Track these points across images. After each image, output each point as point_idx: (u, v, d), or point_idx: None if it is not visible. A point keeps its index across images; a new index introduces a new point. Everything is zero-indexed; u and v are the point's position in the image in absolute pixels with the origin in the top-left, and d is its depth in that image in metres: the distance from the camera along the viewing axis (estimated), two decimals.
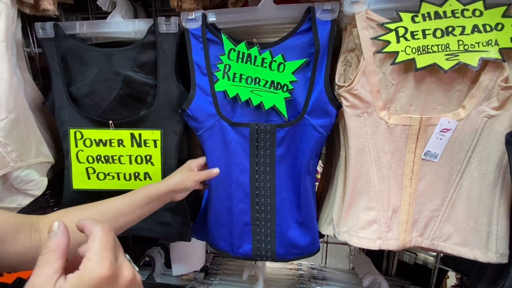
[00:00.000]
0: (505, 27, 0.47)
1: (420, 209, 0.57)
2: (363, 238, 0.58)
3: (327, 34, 0.55)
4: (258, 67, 0.58)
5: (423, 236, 0.58)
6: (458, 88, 0.51)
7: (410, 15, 0.49)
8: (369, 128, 0.54)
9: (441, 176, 0.55)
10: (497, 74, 0.48)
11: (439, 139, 0.52)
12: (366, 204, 0.57)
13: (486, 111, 0.50)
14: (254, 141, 0.60)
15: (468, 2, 0.48)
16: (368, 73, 0.52)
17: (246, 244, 0.65)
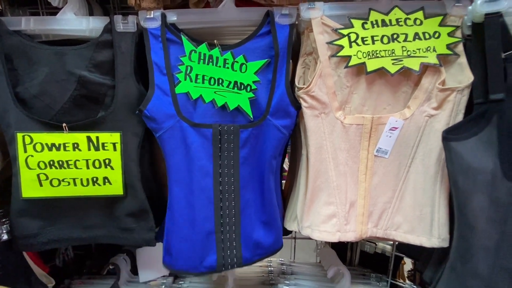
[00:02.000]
0: (441, 35, 0.52)
1: (374, 202, 0.61)
2: (323, 232, 0.61)
3: (286, 37, 0.57)
4: (221, 68, 0.59)
5: (377, 226, 0.63)
6: (404, 90, 0.56)
7: (361, 22, 0.53)
8: (326, 128, 0.58)
9: (392, 170, 0.59)
10: (435, 77, 0.54)
11: (388, 137, 0.56)
12: (325, 199, 0.60)
13: (427, 111, 0.55)
14: (217, 142, 0.60)
15: (410, 12, 0.52)
16: (324, 75, 0.55)
17: (210, 256, 0.62)
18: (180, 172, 0.61)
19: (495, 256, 0.51)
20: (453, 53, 0.52)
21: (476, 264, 0.52)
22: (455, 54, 0.52)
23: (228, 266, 0.63)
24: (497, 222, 0.50)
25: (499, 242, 0.50)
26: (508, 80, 0.47)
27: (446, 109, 0.54)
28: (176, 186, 0.62)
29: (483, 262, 0.52)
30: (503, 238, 0.49)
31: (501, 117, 0.48)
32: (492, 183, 0.49)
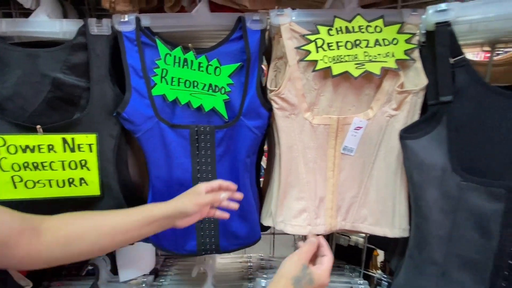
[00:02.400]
0: (399, 42, 0.56)
1: (342, 197, 0.65)
2: (295, 226, 0.65)
3: (257, 42, 0.59)
4: (195, 71, 0.61)
5: (346, 220, 0.67)
6: (367, 92, 0.60)
7: (326, 28, 0.56)
8: (296, 128, 0.61)
9: (357, 167, 0.64)
10: (395, 80, 0.58)
11: (353, 136, 0.61)
12: (296, 195, 0.64)
13: (388, 111, 0.59)
14: (195, 142, 0.62)
15: (371, 20, 0.56)
16: (293, 79, 0.58)
17: (190, 241, 0.67)
18: (160, 169, 0.64)
19: (448, 244, 0.56)
20: (410, 58, 0.57)
21: (431, 251, 0.58)
22: (412, 59, 0.57)
23: (207, 251, 0.69)
24: (448, 213, 0.55)
25: (450, 231, 0.55)
26: (456, 83, 0.52)
27: (404, 110, 0.58)
28: (157, 181, 0.65)
29: (438, 250, 0.57)
30: (454, 227, 0.55)
31: (450, 117, 0.53)
32: (442, 178, 0.54)
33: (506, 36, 0.60)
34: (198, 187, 0.54)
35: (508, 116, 0.49)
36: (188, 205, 0.52)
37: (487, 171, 0.51)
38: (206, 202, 0.53)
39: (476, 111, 0.51)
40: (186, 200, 0.52)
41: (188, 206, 0.52)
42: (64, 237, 0.45)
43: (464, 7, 0.50)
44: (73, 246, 0.45)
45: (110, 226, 0.49)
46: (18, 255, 0.41)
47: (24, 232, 0.41)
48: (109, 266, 0.90)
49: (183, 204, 0.52)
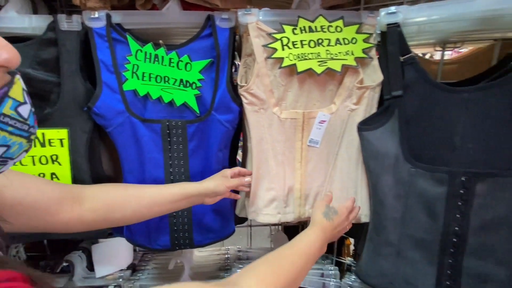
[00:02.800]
0: (358, 41, 0.61)
1: (310, 186, 0.69)
2: (266, 215, 0.68)
3: (226, 40, 0.62)
4: (166, 67, 0.63)
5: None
6: (330, 88, 0.65)
7: (291, 27, 0.60)
8: (265, 122, 0.64)
9: (323, 158, 0.68)
10: (355, 77, 0.62)
11: (318, 129, 0.65)
12: (267, 186, 0.68)
13: (349, 106, 0.64)
14: (166, 136, 0.64)
15: (332, 20, 0.61)
16: (261, 75, 0.62)
17: (164, 236, 0.68)
18: (132, 164, 0.65)
19: (402, 226, 0.61)
20: (368, 56, 0.61)
21: (388, 234, 0.63)
22: (370, 57, 0.62)
23: (181, 246, 0.71)
24: (400, 198, 0.60)
25: (404, 214, 0.60)
26: (405, 79, 0.57)
27: (363, 104, 0.63)
28: (130, 176, 0.67)
29: (393, 232, 0.62)
30: (406, 211, 0.60)
31: (401, 110, 0.58)
32: (395, 165, 0.59)
33: (453, 36, 0.67)
34: (224, 172, 0.64)
35: (449, 108, 0.55)
36: (221, 187, 0.61)
37: (433, 158, 0.57)
38: (235, 185, 0.64)
39: (423, 105, 0.57)
40: (218, 182, 0.61)
41: (221, 187, 0.61)
42: (106, 204, 0.50)
43: (410, 10, 0.56)
44: (115, 213, 0.51)
45: (149, 197, 0.54)
46: (61, 221, 0.45)
47: (64, 200, 0.46)
48: (85, 262, 0.90)
49: (216, 186, 0.61)
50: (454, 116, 0.54)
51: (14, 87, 0.24)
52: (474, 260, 0.55)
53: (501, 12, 0.52)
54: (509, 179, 0.50)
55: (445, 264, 0.58)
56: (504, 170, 0.51)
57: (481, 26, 0.56)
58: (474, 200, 0.53)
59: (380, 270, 0.65)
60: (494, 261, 0.54)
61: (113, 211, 0.51)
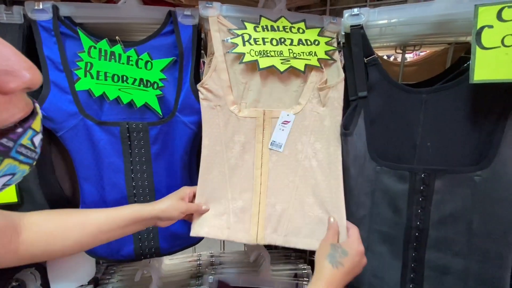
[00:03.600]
0: (320, 43, 0.61)
1: (273, 202, 0.60)
2: (212, 227, 0.60)
3: (189, 37, 0.59)
4: (124, 65, 0.58)
5: (277, 231, 0.60)
6: (295, 89, 0.63)
7: (253, 25, 0.59)
8: (221, 120, 0.60)
9: (288, 166, 0.61)
10: (319, 78, 0.62)
11: (281, 130, 0.61)
12: (218, 194, 0.61)
13: (315, 107, 0.61)
14: (126, 140, 0.59)
15: (294, 22, 0.60)
16: (219, 70, 0.59)
17: (127, 246, 0.64)
18: (89, 170, 0.60)
19: (369, 221, 0.62)
20: (330, 58, 0.61)
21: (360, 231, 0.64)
22: (332, 59, 0.61)
23: (147, 255, 0.66)
24: (368, 195, 0.61)
25: (371, 211, 0.62)
26: (369, 80, 0.59)
27: (329, 106, 0.61)
28: (87, 183, 0.61)
29: (363, 228, 0.63)
30: (373, 207, 0.61)
31: (366, 111, 0.59)
32: (364, 164, 0.60)
33: (412, 39, 0.70)
34: (183, 191, 0.58)
35: (409, 109, 0.57)
36: (174, 212, 0.55)
37: (396, 156, 0.58)
38: (190, 211, 0.57)
39: (386, 105, 0.58)
40: (173, 206, 0.55)
41: (174, 213, 0.55)
42: (46, 234, 0.44)
43: (372, 12, 0.57)
44: (55, 243, 0.45)
45: (94, 225, 0.48)
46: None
47: (5, 231, 0.40)
48: (39, 280, 0.81)
49: (169, 210, 0.54)
50: (414, 116, 0.56)
51: (37, 117, 0.24)
52: (435, 252, 0.58)
53: (454, 17, 0.55)
54: (463, 175, 0.53)
55: (409, 257, 0.60)
56: (458, 167, 0.53)
57: (437, 30, 0.59)
58: (433, 195, 0.56)
59: None
60: (452, 253, 0.57)
61: (53, 243, 0.44)
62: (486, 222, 0.53)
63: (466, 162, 0.54)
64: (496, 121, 0.51)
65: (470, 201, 0.53)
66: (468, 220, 0.54)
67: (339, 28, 0.61)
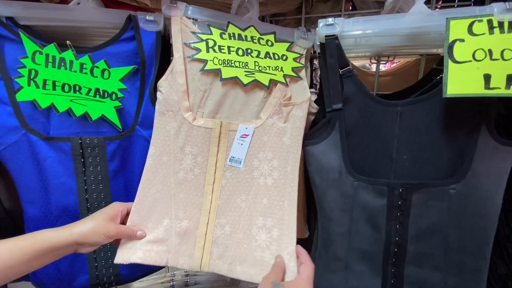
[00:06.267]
0: (288, 59, 0.58)
1: (222, 222, 0.54)
2: (149, 251, 0.51)
3: (152, 45, 0.54)
4: (77, 73, 0.52)
5: (222, 258, 0.53)
6: (256, 103, 0.58)
7: (219, 31, 0.55)
8: (172, 127, 0.54)
9: (242, 183, 0.55)
10: (283, 94, 0.58)
11: (240, 144, 0.56)
12: (159, 212, 0.53)
13: (275, 123, 0.57)
14: (79, 157, 0.52)
15: (263, 33, 0.57)
16: (176, 72, 0.54)
17: (81, 275, 0.56)
18: (33, 192, 0.52)
19: (348, 239, 0.60)
20: (297, 76, 0.58)
21: (336, 248, 0.61)
22: (299, 77, 0.59)
23: (105, 285, 0.58)
24: (346, 211, 0.59)
25: (350, 228, 0.59)
26: (344, 92, 0.57)
27: (290, 122, 0.57)
28: (31, 208, 0.53)
29: (341, 246, 0.61)
30: (351, 224, 0.59)
31: (341, 123, 0.57)
32: (339, 179, 0.58)
33: (386, 50, 0.69)
34: (114, 208, 0.46)
35: (385, 121, 0.55)
36: (99, 237, 0.44)
37: (374, 170, 0.57)
38: (120, 236, 0.46)
39: (361, 118, 0.56)
40: (96, 228, 0.44)
41: (99, 238, 0.44)
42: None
43: (347, 23, 0.55)
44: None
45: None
46: None
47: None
48: None
49: (91, 233, 0.43)
50: (390, 129, 0.55)
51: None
52: (414, 267, 0.56)
53: (426, 30, 0.54)
54: (439, 189, 0.52)
55: (388, 273, 0.58)
56: (434, 180, 0.53)
57: (410, 42, 0.58)
58: (411, 210, 0.54)
59: (330, 285, 0.63)
60: (431, 267, 0.55)
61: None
62: (461, 235, 0.52)
63: (441, 175, 0.53)
64: (469, 134, 0.51)
65: (446, 215, 0.53)
66: (445, 233, 0.53)
67: (310, 44, 0.59)
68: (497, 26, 0.46)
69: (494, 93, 0.45)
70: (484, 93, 0.45)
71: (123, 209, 0.49)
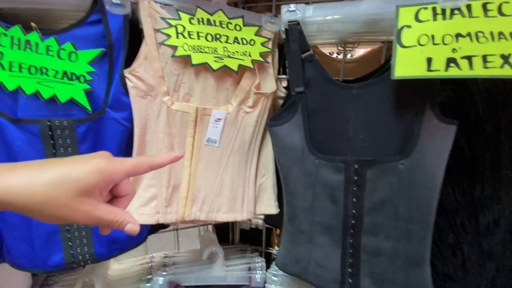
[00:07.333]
0: (256, 44, 0.61)
1: (199, 187, 0.66)
2: (142, 215, 0.63)
3: (120, 28, 0.55)
4: (43, 56, 0.52)
5: (201, 210, 0.67)
6: (227, 87, 0.63)
7: (188, 16, 0.56)
8: (152, 110, 0.59)
9: (215, 158, 0.66)
10: (252, 80, 0.62)
11: (215, 127, 0.63)
12: (147, 182, 0.63)
13: (244, 108, 0.64)
14: (49, 139, 0.54)
15: (232, 17, 0.59)
16: (151, 58, 0.56)
17: (56, 254, 0.58)
18: None
19: (311, 214, 0.65)
20: (265, 61, 0.62)
21: (300, 222, 0.66)
22: (266, 62, 0.62)
23: (80, 263, 0.61)
24: (309, 187, 0.63)
25: (312, 203, 0.64)
26: (306, 76, 0.60)
27: (257, 109, 0.65)
28: None
29: (304, 220, 0.65)
30: (314, 199, 0.64)
31: (303, 105, 0.61)
32: (302, 158, 0.62)
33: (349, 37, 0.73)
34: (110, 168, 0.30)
35: (343, 103, 0.59)
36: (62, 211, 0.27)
37: (332, 149, 0.61)
38: (99, 222, 0.30)
39: (322, 100, 0.60)
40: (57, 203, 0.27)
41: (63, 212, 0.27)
42: None
43: (308, 9, 0.58)
44: None
45: None
46: None
47: None
48: None
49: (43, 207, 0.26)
50: (347, 110, 0.59)
51: None
52: (369, 237, 0.62)
53: (381, 16, 0.58)
54: (390, 165, 0.57)
55: (347, 244, 0.63)
56: (386, 157, 0.58)
57: (368, 28, 0.62)
58: (366, 185, 0.59)
59: (296, 257, 0.69)
60: (384, 236, 0.61)
61: None
62: (409, 206, 0.58)
63: (392, 152, 0.58)
64: (416, 113, 0.55)
65: (396, 188, 0.58)
66: (395, 205, 0.59)
67: (277, 28, 0.61)
68: (440, 13, 0.50)
69: (434, 75, 0.49)
70: (426, 75, 0.50)
71: (125, 169, 0.31)
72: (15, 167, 0.27)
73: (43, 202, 0.27)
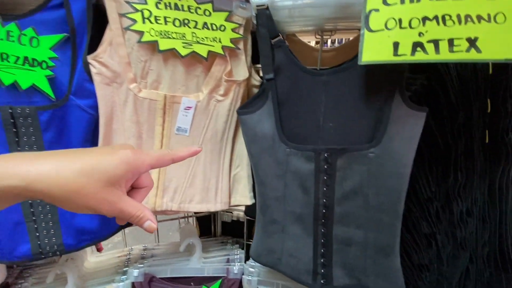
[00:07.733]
0: (226, 29, 0.59)
1: (170, 177, 0.66)
2: None
3: (82, 12, 0.54)
4: (3, 41, 0.51)
5: (173, 201, 0.67)
6: (197, 74, 0.62)
7: (155, 1, 0.55)
8: (118, 98, 0.58)
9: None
10: (223, 67, 0.61)
11: (185, 115, 0.62)
12: None
13: (215, 96, 0.63)
14: (11, 126, 0.53)
15: (201, 2, 0.58)
16: (116, 44, 0.55)
17: (22, 245, 0.58)
18: None
19: (283, 203, 0.64)
20: (236, 47, 0.60)
21: (272, 212, 0.65)
22: (237, 48, 0.61)
23: (49, 254, 0.61)
24: (280, 177, 0.62)
25: (284, 192, 0.63)
26: (275, 62, 0.59)
27: (229, 97, 0.63)
28: None
29: (277, 210, 0.65)
30: (285, 189, 0.63)
31: (273, 93, 0.59)
32: (272, 146, 0.61)
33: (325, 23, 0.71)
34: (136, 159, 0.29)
35: (313, 90, 0.58)
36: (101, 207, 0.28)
37: (303, 138, 0.60)
38: (121, 215, 0.30)
39: (292, 87, 0.59)
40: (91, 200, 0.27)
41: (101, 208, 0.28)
42: None
43: None
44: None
45: None
46: None
47: None
48: None
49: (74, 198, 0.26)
50: (317, 98, 0.58)
51: None
52: (341, 226, 0.61)
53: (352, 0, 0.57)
54: (359, 153, 0.56)
55: (319, 233, 0.63)
56: (356, 145, 0.57)
57: (340, 13, 0.60)
58: (336, 173, 0.58)
59: (269, 248, 0.68)
60: (355, 225, 0.61)
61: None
62: (379, 195, 0.57)
63: (362, 140, 0.57)
64: (385, 100, 0.54)
65: (366, 177, 0.57)
66: (365, 194, 0.58)
67: (248, 13, 0.60)
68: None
69: (401, 60, 0.48)
70: (392, 60, 0.49)
71: (149, 163, 0.31)
72: (40, 156, 0.27)
73: (74, 191, 0.27)
